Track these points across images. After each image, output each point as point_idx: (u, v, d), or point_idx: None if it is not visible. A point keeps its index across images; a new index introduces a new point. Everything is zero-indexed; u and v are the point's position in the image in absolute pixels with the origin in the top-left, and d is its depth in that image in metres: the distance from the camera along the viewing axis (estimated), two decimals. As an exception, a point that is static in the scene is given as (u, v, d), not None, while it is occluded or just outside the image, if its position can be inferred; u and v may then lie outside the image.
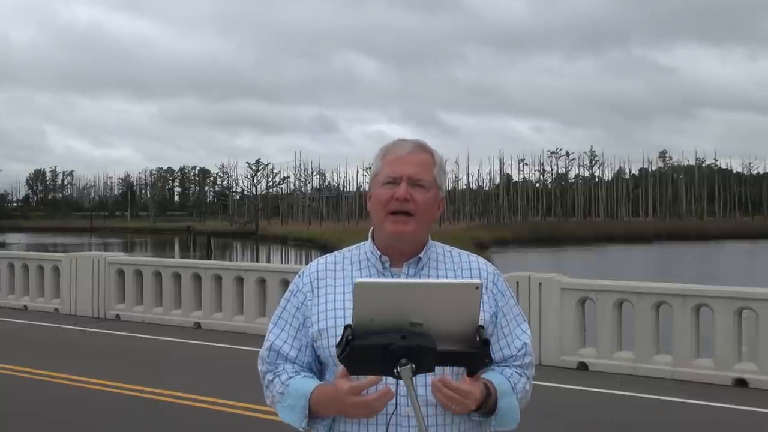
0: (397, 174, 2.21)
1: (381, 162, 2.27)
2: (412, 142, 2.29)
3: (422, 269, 2.28)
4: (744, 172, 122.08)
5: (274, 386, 2.25)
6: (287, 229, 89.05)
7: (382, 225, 2.24)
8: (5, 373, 9.54)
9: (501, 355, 2.28)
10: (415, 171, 2.22)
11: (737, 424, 7.94)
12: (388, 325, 1.87)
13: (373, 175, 2.31)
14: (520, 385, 2.24)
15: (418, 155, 2.26)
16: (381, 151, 2.30)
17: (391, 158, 2.25)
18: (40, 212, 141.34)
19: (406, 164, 2.22)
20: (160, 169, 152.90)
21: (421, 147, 2.28)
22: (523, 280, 10.43)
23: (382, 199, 2.23)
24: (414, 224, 2.22)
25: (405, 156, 2.24)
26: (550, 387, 8.77)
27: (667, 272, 35.84)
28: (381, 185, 2.24)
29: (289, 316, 2.30)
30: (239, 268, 13.79)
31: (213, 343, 11.70)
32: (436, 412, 2.15)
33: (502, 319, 2.30)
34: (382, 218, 2.23)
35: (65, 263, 15.01)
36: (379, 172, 2.27)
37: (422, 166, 2.24)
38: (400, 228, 2.21)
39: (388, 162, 2.25)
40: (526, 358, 2.31)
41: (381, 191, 2.24)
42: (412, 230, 2.22)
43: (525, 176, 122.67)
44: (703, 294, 9.58)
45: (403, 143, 2.29)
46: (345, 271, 2.29)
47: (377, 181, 2.26)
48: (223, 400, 8.03)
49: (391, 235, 2.23)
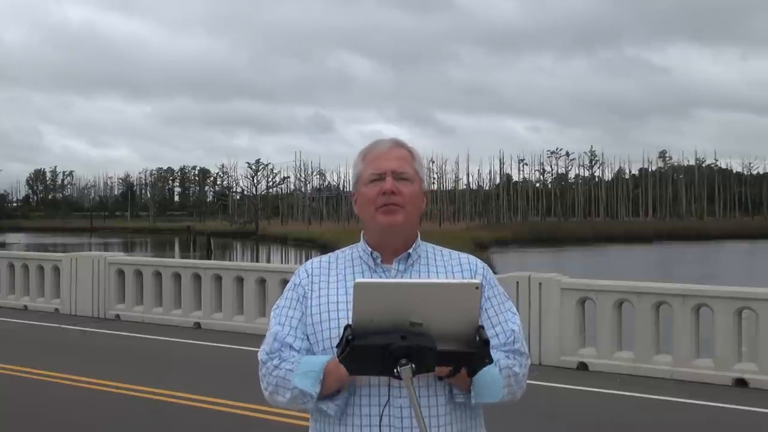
0: (381, 170, 2.29)
1: (362, 163, 2.35)
2: (389, 140, 2.38)
3: (412, 265, 2.31)
4: (744, 172, 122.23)
5: (280, 370, 2.21)
6: (287, 229, 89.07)
7: (373, 220, 2.29)
8: (5, 373, 9.54)
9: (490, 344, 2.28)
10: (397, 165, 2.30)
11: (737, 424, 7.94)
12: (387, 325, 1.87)
13: (356, 177, 2.37)
14: (504, 362, 2.21)
15: (397, 151, 2.34)
16: (360, 153, 2.38)
17: (372, 156, 2.33)
18: (40, 212, 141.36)
19: (387, 160, 2.30)
20: (160, 169, 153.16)
21: (398, 143, 2.37)
22: (523, 280, 10.43)
23: (370, 195, 2.28)
24: (404, 215, 2.27)
25: (385, 152, 2.32)
26: (550, 387, 8.78)
27: (667, 272, 35.85)
28: (366, 184, 2.31)
29: (290, 308, 2.32)
30: (239, 268, 13.78)
31: (213, 343, 11.70)
32: (437, 412, 2.17)
33: (490, 309, 2.31)
34: (373, 213, 2.28)
35: (65, 263, 15.01)
36: (362, 173, 2.34)
37: (403, 161, 2.32)
38: (391, 219, 2.26)
39: (370, 161, 2.32)
40: (516, 344, 2.29)
41: (368, 189, 2.30)
42: (403, 220, 2.27)
43: (525, 176, 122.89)
44: (703, 294, 9.58)
45: (380, 142, 2.38)
46: (339, 269, 2.33)
47: (362, 181, 2.33)
48: (223, 400, 8.03)
49: (383, 227, 2.28)
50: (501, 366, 2.19)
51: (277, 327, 2.30)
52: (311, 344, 2.25)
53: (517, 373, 2.25)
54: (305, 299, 2.30)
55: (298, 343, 2.25)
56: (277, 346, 2.26)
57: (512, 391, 2.24)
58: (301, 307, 2.30)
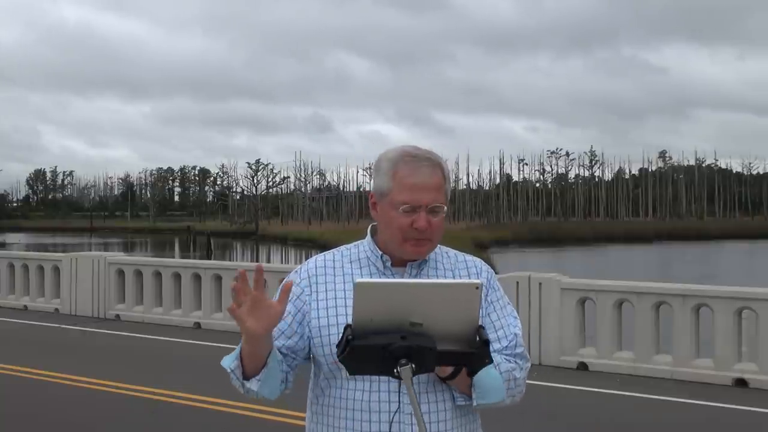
0: (417, 203, 2.19)
1: (392, 181, 2.22)
2: (427, 163, 2.23)
3: (422, 269, 2.31)
4: (744, 172, 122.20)
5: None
6: (287, 229, 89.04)
7: (400, 247, 2.25)
8: (5, 373, 9.54)
9: (492, 348, 2.28)
10: (433, 197, 2.20)
11: (737, 424, 7.94)
12: (388, 325, 1.87)
13: (381, 189, 2.25)
14: (504, 365, 2.22)
15: (435, 179, 2.22)
16: (390, 164, 2.24)
17: (409, 183, 2.20)
18: (40, 212, 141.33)
19: (424, 192, 2.19)
20: (160, 169, 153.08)
21: (435, 167, 2.24)
22: (523, 280, 10.43)
23: (401, 225, 2.21)
24: (431, 245, 2.27)
25: (422, 183, 2.20)
26: (550, 387, 8.78)
27: (667, 272, 35.85)
28: (396, 208, 2.20)
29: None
30: (239, 268, 13.76)
31: (213, 343, 11.69)
32: (436, 409, 2.18)
33: (493, 314, 2.32)
34: (400, 241, 2.24)
35: (65, 263, 15.01)
36: (391, 193, 2.22)
37: (438, 191, 2.22)
38: (418, 250, 2.25)
39: (406, 186, 2.20)
40: (517, 348, 2.31)
41: (399, 217, 2.21)
42: (429, 250, 2.28)
43: (525, 176, 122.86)
44: (703, 294, 9.58)
45: (417, 165, 2.22)
46: (344, 269, 2.31)
47: (391, 202, 2.22)
48: (223, 400, 8.02)
49: (410, 256, 2.27)
50: (502, 369, 2.19)
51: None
52: (314, 347, 2.24)
53: (518, 377, 2.26)
54: (301, 301, 2.28)
55: (282, 341, 2.26)
56: None
57: (512, 394, 2.25)
58: (292, 306, 2.27)
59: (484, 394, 2.15)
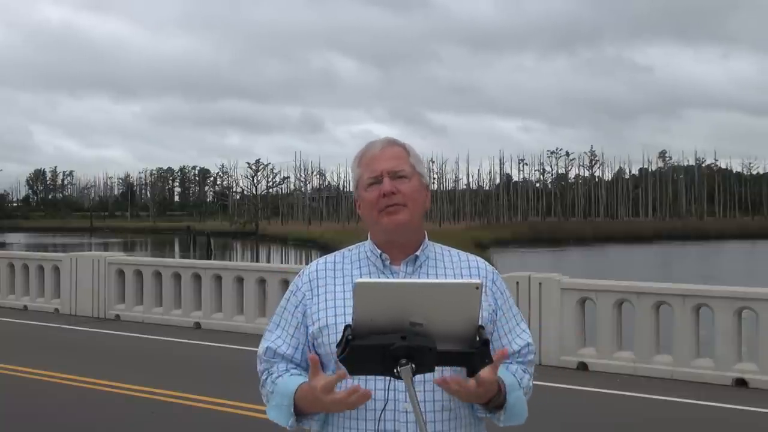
0: (377, 172, 2.27)
1: (359, 168, 2.33)
2: (382, 140, 2.36)
3: (420, 267, 2.30)
4: (744, 172, 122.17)
5: (266, 386, 2.29)
6: (287, 229, 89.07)
7: (377, 223, 2.28)
8: (5, 373, 9.54)
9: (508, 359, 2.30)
10: (393, 164, 2.27)
11: (737, 424, 7.94)
12: (388, 325, 1.87)
13: (355, 183, 2.36)
14: (525, 381, 2.27)
15: (391, 149, 2.32)
16: (356, 158, 2.37)
17: (367, 159, 2.31)
18: (40, 212, 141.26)
19: (381, 161, 2.28)
20: (160, 169, 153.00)
21: (391, 142, 2.35)
22: (523, 280, 10.44)
23: (371, 199, 2.27)
24: (407, 213, 2.25)
25: (379, 153, 2.30)
26: (550, 387, 8.77)
27: (667, 272, 35.85)
28: (365, 188, 2.29)
29: (287, 314, 2.32)
30: (239, 268, 13.79)
31: (213, 343, 11.70)
32: (434, 408, 2.17)
33: (502, 318, 2.32)
34: (376, 216, 2.27)
35: (65, 263, 15.01)
36: (360, 178, 2.32)
37: (398, 159, 2.30)
38: (395, 219, 2.24)
39: (366, 164, 2.31)
40: (530, 356, 2.34)
41: (367, 193, 2.28)
42: (407, 219, 2.26)
43: (525, 176, 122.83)
44: (703, 294, 9.58)
45: (373, 144, 2.36)
46: (345, 270, 2.32)
47: (361, 186, 2.31)
48: (223, 400, 8.03)
49: (388, 228, 2.26)
50: (523, 385, 2.25)
51: (269, 334, 2.34)
52: (318, 347, 2.24)
53: (530, 387, 2.32)
54: (304, 305, 2.29)
55: (291, 351, 2.28)
56: (269, 356, 2.29)
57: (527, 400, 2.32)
58: (299, 313, 2.29)
59: (513, 417, 2.22)
